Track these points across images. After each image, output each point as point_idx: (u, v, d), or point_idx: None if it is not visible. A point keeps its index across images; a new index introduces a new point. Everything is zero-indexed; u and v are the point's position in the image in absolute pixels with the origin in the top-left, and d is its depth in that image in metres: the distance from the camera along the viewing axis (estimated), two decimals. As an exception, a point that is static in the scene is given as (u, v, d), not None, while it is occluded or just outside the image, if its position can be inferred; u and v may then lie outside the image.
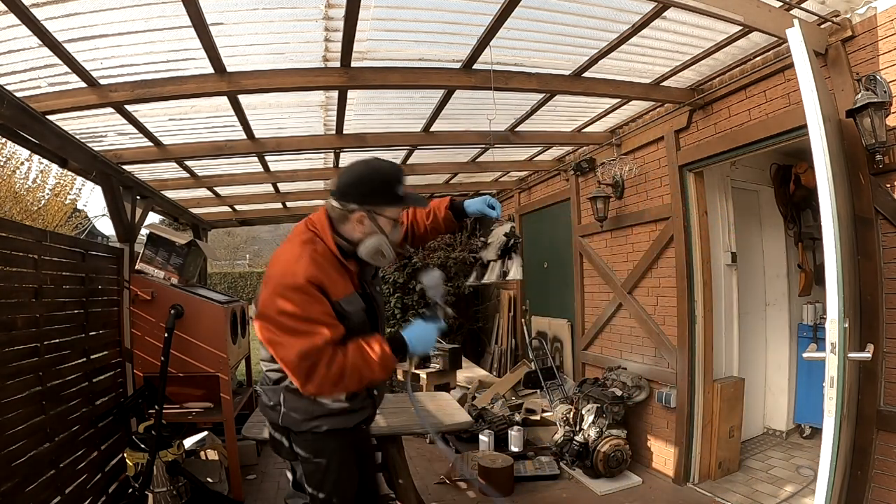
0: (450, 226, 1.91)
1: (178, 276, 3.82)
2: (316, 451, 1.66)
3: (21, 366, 2.37)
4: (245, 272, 22.78)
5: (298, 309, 1.46)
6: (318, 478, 1.66)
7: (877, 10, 2.23)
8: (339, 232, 1.63)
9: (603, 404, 3.63)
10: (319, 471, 1.66)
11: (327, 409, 1.64)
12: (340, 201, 1.60)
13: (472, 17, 2.34)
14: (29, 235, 2.52)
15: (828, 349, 1.70)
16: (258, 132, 3.51)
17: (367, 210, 1.58)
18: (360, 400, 1.71)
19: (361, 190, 1.59)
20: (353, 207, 1.58)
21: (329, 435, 1.65)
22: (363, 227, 1.60)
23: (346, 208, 1.59)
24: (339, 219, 1.62)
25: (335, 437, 1.67)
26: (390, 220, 1.63)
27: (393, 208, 1.63)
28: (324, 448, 1.66)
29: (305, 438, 1.66)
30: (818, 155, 1.75)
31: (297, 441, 1.67)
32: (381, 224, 1.61)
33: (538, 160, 5.01)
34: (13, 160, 6.50)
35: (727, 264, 3.77)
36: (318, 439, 1.65)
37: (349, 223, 1.61)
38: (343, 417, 1.68)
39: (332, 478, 1.66)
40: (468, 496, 3.47)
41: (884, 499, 2.23)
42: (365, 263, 1.67)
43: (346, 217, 1.60)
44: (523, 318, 5.91)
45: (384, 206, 1.60)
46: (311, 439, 1.65)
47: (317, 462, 1.66)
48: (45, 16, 1.95)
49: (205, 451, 3.55)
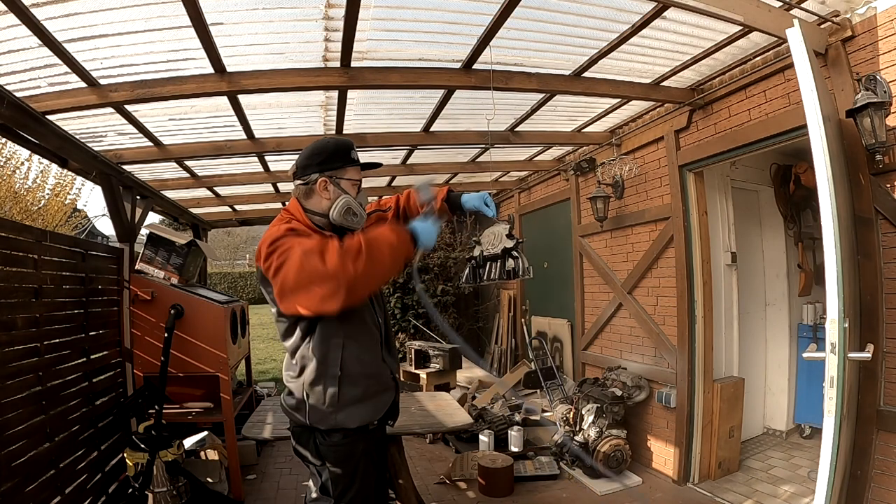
0: (443, 215, 1.91)
1: (178, 276, 3.82)
2: (345, 457, 1.65)
3: (21, 366, 2.36)
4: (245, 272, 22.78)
5: (282, 242, 1.52)
6: (341, 487, 1.65)
7: (877, 10, 2.23)
8: (309, 209, 1.69)
9: (603, 404, 3.63)
10: (346, 477, 1.65)
11: (351, 396, 1.63)
12: (302, 177, 1.68)
13: (472, 17, 2.34)
14: (29, 235, 2.52)
15: (828, 349, 1.70)
16: (258, 132, 3.51)
17: (329, 175, 1.66)
18: (382, 382, 1.71)
19: (317, 159, 1.67)
20: (314, 177, 1.66)
21: (356, 440, 1.65)
22: (328, 194, 1.67)
23: (309, 180, 1.67)
24: (305, 195, 1.69)
25: (362, 441, 1.67)
26: (352, 183, 1.70)
27: (352, 169, 1.70)
28: (351, 454, 1.66)
29: (333, 442, 1.65)
30: (818, 155, 1.75)
31: (325, 445, 1.66)
32: (344, 187, 1.68)
33: (538, 160, 5.01)
34: (13, 160, 6.50)
35: (727, 264, 3.77)
36: (346, 445, 1.65)
37: (315, 195, 1.68)
38: (367, 406, 1.67)
39: (356, 486, 1.66)
40: (468, 496, 3.47)
41: (884, 499, 2.23)
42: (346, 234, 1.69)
43: (312, 190, 1.67)
44: (523, 318, 5.91)
45: (342, 167, 1.68)
46: (338, 443, 1.65)
47: (344, 468, 1.65)
48: (45, 16, 1.95)
49: (205, 451, 3.55)
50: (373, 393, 1.68)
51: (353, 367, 1.63)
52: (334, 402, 1.61)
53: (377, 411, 1.69)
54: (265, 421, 2.90)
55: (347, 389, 1.62)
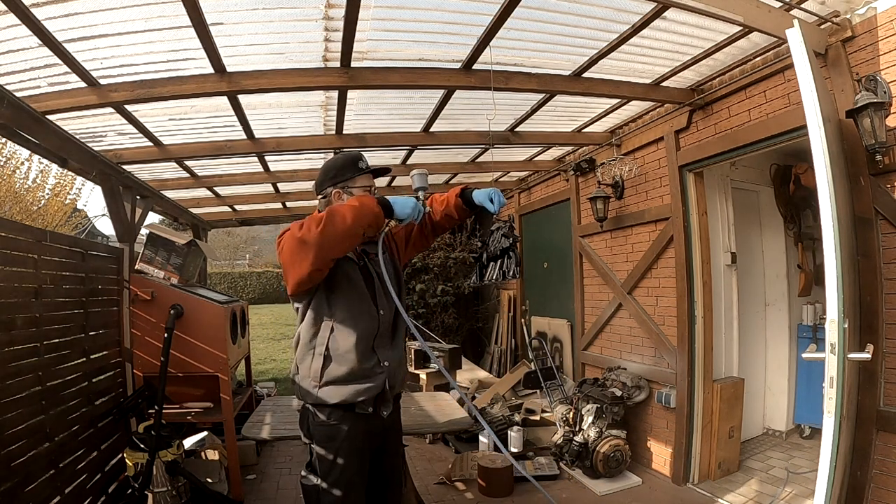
0: (461, 213, 1.91)
1: (178, 276, 3.82)
2: (328, 437, 1.76)
3: (21, 366, 2.36)
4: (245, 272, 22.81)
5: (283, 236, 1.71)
6: (326, 465, 1.75)
7: (877, 10, 2.23)
8: None
9: (603, 404, 3.63)
10: (328, 458, 1.75)
11: (334, 375, 1.73)
12: (320, 192, 1.88)
13: (472, 18, 2.34)
14: (29, 235, 2.52)
15: (827, 349, 1.70)
16: (258, 132, 3.51)
17: (341, 186, 1.83)
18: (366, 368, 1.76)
19: (330, 174, 1.86)
20: (329, 190, 1.85)
21: (340, 421, 1.75)
22: (342, 202, 1.79)
23: (326, 193, 1.85)
24: (325, 207, 1.83)
25: (347, 424, 1.75)
26: (363, 189, 1.85)
27: (361, 177, 1.86)
28: (336, 435, 1.75)
29: (319, 421, 1.76)
30: (818, 155, 1.75)
31: (314, 425, 1.78)
32: (355, 195, 1.81)
33: (538, 160, 5.01)
34: (13, 160, 6.51)
35: (727, 264, 3.77)
36: (330, 426, 1.75)
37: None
38: (348, 388, 1.74)
39: (338, 468, 1.74)
40: (468, 497, 3.47)
41: (883, 499, 2.23)
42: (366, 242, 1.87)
43: (329, 202, 1.84)
44: (523, 319, 5.91)
45: (352, 177, 1.84)
46: (323, 423, 1.76)
47: (327, 448, 1.75)
48: (45, 16, 1.95)
49: (204, 451, 3.55)
50: (356, 377, 1.75)
51: (338, 349, 1.74)
52: (317, 377, 1.74)
53: (357, 394, 1.75)
54: (265, 421, 2.89)
55: (331, 368, 1.74)
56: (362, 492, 1.79)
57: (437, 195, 1.96)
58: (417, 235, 2.01)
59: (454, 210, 1.90)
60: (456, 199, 1.89)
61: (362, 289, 1.80)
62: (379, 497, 1.91)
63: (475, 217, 1.96)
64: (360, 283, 1.80)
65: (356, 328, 1.75)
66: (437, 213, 1.93)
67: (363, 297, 1.79)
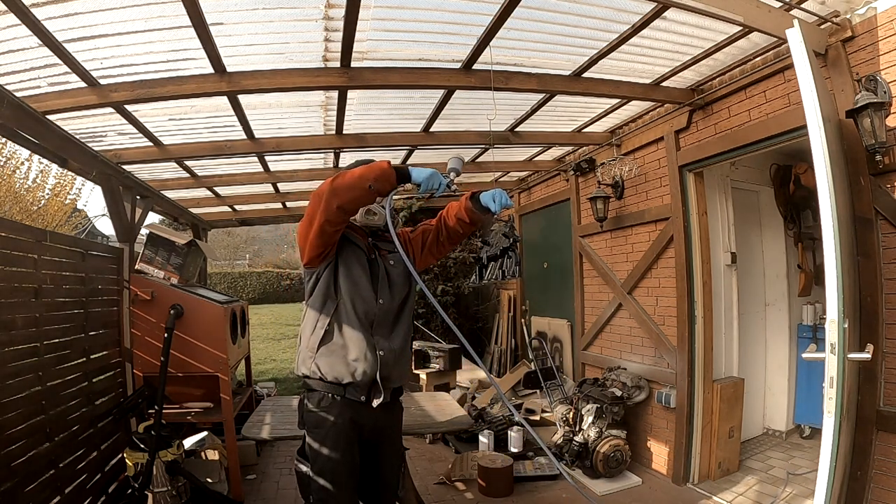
0: (472, 216, 1.91)
1: (178, 276, 3.82)
2: (316, 424, 1.82)
3: (21, 366, 2.36)
4: (245, 272, 22.79)
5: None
6: (314, 452, 1.82)
7: (877, 10, 2.23)
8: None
9: (603, 404, 3.63)
10: (314, 445, 1.81)
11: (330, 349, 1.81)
12: None
13: (471, 18, 2.34)
14: (29, 235, 2.52)
15: (827, 349, 1.70)
16: (258, 132, 3.51)
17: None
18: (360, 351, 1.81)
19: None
20: None
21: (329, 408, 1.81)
22: None
23: None
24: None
25: (335, 412, 1.81)
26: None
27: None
28: (323, 423, 1.81)
29: (310, 407, 1.83)
30: (818, 155, 1.75)
31: (307, 410, 1.85)
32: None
33: (538, 160, 5.01)
34: (13, 160, 6.51)
35: (727, 264, 3.77)
36: (320, 412, 1.81)
37: None
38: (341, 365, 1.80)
39: (323, 456, 1.79)
40: (468, 497, 3.47)
41: (883, 499, 2.23)
42: (377, 238, 1.98)
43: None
44: (523, 318, 5.91)
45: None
46: (312, 409, 1.83)
47: (315, 435, 1.82)
48: (45, 16, 1.95)
49: (204, 451, 3.55)
50: (350, 356, 1.81)
51: (338, 326, 1.82)
52: (314, 348, 1.82)
53: (348, 373, 1.80)
54: (264, 421, 2.90)
55: (328, 344, 1.81)
56: (350, 480, 1.81)
57: (454, 202, 1.98)
58: (433, 242, 2.02)
59: (464, 213, 1.91)
60: (465, 201, 1.91)
61: (366, 276, 1.87)
62: (374, 498, 1.92)
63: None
64: (366, 270, 1.88)
65: (356, 310, 1.83)
66: (451, 217, 1.96)
67: (365, 284, 1.87)
